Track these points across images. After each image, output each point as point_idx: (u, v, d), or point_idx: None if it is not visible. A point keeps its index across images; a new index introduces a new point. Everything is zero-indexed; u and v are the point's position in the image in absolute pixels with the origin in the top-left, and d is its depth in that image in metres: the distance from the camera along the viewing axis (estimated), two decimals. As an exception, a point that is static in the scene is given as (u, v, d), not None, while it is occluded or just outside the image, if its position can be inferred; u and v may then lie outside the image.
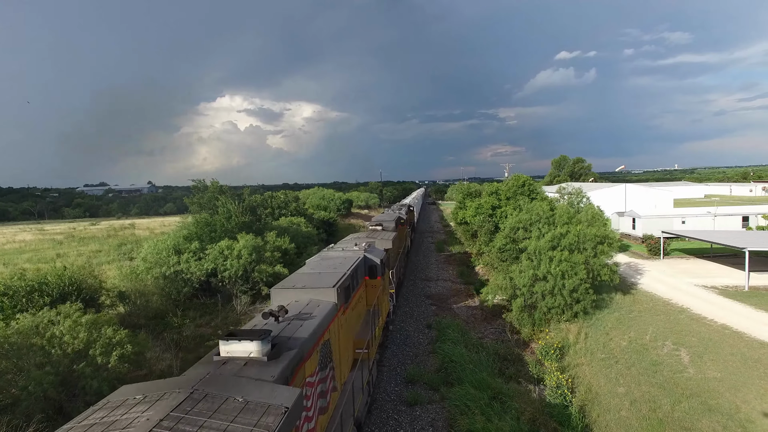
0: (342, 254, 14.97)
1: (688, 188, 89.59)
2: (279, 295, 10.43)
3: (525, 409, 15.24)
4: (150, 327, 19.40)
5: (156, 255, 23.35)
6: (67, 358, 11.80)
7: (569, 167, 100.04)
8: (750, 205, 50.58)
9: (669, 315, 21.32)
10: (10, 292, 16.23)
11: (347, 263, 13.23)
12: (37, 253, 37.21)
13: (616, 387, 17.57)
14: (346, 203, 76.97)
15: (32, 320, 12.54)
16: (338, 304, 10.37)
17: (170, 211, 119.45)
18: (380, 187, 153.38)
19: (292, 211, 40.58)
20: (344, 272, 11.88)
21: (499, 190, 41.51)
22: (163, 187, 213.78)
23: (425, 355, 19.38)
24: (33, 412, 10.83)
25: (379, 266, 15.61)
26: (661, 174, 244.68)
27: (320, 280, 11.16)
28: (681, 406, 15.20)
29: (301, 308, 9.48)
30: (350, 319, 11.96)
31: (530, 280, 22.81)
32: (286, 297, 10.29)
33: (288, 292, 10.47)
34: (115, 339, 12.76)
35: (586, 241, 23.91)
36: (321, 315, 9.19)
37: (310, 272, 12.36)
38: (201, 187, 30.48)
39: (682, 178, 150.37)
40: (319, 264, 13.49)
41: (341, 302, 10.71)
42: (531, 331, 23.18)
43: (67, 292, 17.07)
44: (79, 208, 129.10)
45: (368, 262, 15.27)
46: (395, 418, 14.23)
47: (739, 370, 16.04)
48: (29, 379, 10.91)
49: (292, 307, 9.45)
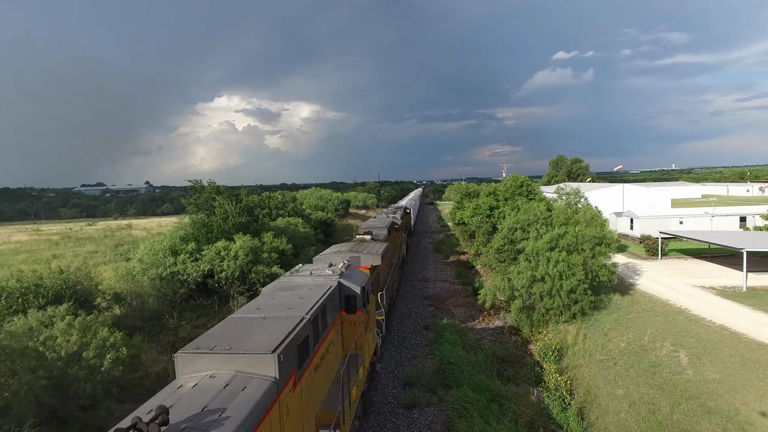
0: (308, 281, 11.65)
1: (686, 188, 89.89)
2: (187, 365, 6.92)
3: (523, 412, 15.16)
4: (146, 329, 19.24)
5: (152, 256, 23.19)
6: (61, 361, 11.66)
7: (567, 167, 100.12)
8: (747, 206, 50.71)
9: (667, 316, 21.27)
10: (4, 293, 16.07)
11: (311, 299, 9.84)
12: (32, 254, 36.94)
13: (615, 389, 17.50)
14: (344, 203, 76.85)
15: (24, 322, 12.38)
16: (280, 382, 6.92)
17: (167, 212, 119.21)
18: (378, 187, 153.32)
19: (289, 212, 40.44)
20: (298, 322, 8.24)
21: (498, 191, 41.44)
22: (161, 188, 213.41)
23: (423, 357, 19.29)
24: (25, 416, 10.67)
25: (359, 297, 12.08)
26: (659, 174, 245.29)
27: (254, 339, 7.40)
28: (680, 408, 15.13)
29: (213, 394, 6.13)
30: (310, 385, 8.65)
31: (528, 281, 22.74)
32: (198, 367, 6.87)
33: (201, 360, 6.89)
34: (110, 341, 12.62)
35: (584, 242, 23.85)
36: (244, 411, 5.88)
37: (245, 320, 8.51)
38: (198, 187, 30.29)
39: (680, 178, 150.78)
40: (269, 302, 9.74)
41: (287, 375, 7.26)
42: (529, 332, 23.12)
43: (63, 293, 16.91)
44: (76, 208, 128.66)
45: (345, 291, 11.89)
46: (393, 421, 14.13)
47: (738, 372, 15.98)
48: (21, 383, 10.75)
49: (198, 392, 6.16)
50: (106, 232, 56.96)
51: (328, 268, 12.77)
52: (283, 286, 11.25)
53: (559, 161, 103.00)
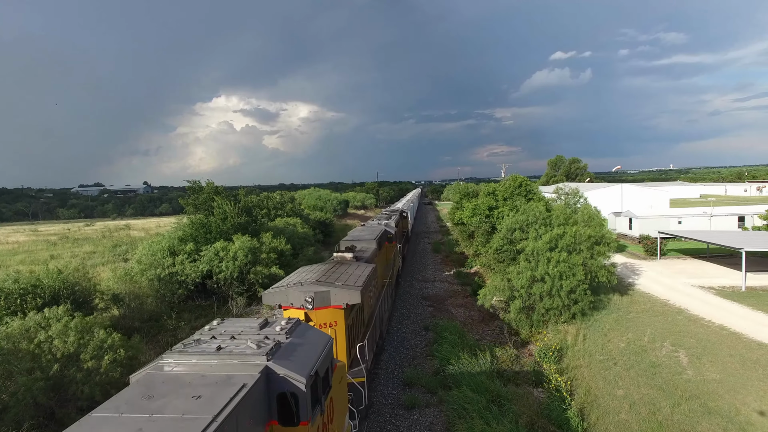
0: (206, 368, 6.30)
1: (684, 188, 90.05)
2: None
3: (523, 412, 15.12)
4: (144, 330, 19.18)
5: (151, 257, 23.11)
6: (58, 362, 11.58)
7: (565, 167, 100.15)
8: (746, 205, 50.77)
9: (667, 316, 21.26)
10: (2, 294, 16.00)
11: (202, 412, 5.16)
12: (30, 255, 36.84)
13: (615, 389, 17.47)
14: (343, 204, 76.86)
15: (21, 324, 12.30)
16: None
17: (166, 212, 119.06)
18: (377, 187, 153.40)
19: (288, 212, 40.41)
20: None
21: (497, 191, 41.44)
22: (159, 188, 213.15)
23: (422, 358, 19.24)
24: (23, 418, 10.60)
25: (304, 396, 6.54)
26: (657, 174, 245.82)
27: None
28: (680, 409, 15.11)
29: None
30: None
31: (528, 282, 22.70)
32: None
33: None
34: (107, 342, 12.55)
35: (582, 242, 23.83)
36: None
37: None
38: (196, 187, 30.22)
39: (678, 179, 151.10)
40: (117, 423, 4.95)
41: None
42: (529, 332, 23.08)
43: (60, 294, 16.84)
44: (74, 208, 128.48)
45: (277, 385, 6.45)
46: (393, 422, 14.08)
47: (737, 372, 15.96)
48: (18, 384, 10.68)
49: None
50: (104, 232, 56.82)
51: (255, 335, 7.31)
52: (158, 381, 6.03)
53: (558, 161, 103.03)
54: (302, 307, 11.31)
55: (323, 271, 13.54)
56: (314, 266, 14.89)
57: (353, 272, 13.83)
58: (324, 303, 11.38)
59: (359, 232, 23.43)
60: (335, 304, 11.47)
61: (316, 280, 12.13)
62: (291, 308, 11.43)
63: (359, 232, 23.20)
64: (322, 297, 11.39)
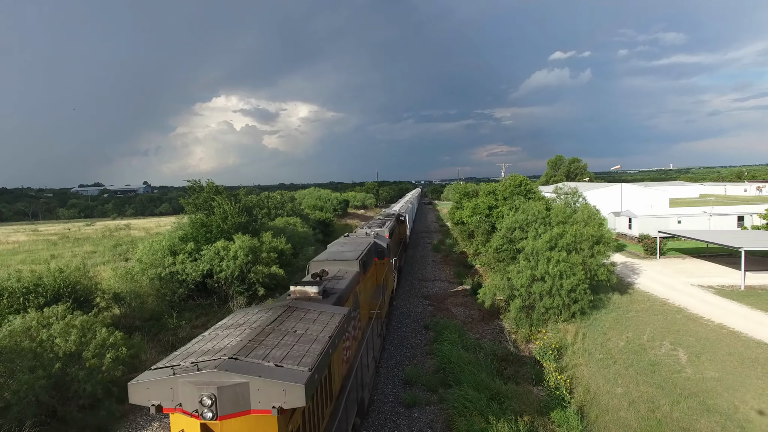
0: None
1: (684, 188, 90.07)
2: None
3: (524, 410, 15.17)
4: (145, 329, 19.23)
5: (151, 256, 23.15)
6: (59, 361, 11.63)
7: (565, 167, 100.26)
8: (745, 205, 50.85)
9: (666, 315, 21.33)
10: (5, 293, 16.06)
11: None
12: (30, 254, 36.88)
13: (614, 387, 17.54)
14: (343, 203, 76.91)
15: (23, 322, 12.35)
16: None
17: (166, 212, 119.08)
18: (376, 187, 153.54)
19: (288, 212, 40.45)
20: None
21: (497, 190, 41.50)
22: (159, 188, 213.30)
23: (423, 356, 19.30)
24: (25, 416, 10.65)
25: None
26: (656, 174, 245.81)
27: None
28: (679, 407, 15.18)
29: None
30: None
31: (528, 281, 22.77)
32: None
33: None
34: (109, 341, 12.61)
35: (582, 241, 23.90)
36: None
37: None
38: (196, 187, 30.24)
39: (677, 178, 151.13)
40: None
41: None
42: (529, 331, 23.15)
43: (62, 293, 16.89)
44: (74, 208, 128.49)
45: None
46: (393, 420, 14.13)
47: (736, 370, 16.04)
48: (20, 383, 10.73)
49: None
50: (104, 232, 56.86)
51: None
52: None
53: (558, 161, 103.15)
54: (195, 414, 6.16)
55: (252, 332, 7.76)
56: (257, 314, 9.13)
57: (307, 332, 8.14)
58: (237, 406, 6.19)
59: (339, 247, 17.83)
60: (259, 409, 6.22)
61: (230, 356, 6.63)
62: (179, 412, 6.33)
63: (339, 247, 17.56)
64: (235, 394, 6.17)
